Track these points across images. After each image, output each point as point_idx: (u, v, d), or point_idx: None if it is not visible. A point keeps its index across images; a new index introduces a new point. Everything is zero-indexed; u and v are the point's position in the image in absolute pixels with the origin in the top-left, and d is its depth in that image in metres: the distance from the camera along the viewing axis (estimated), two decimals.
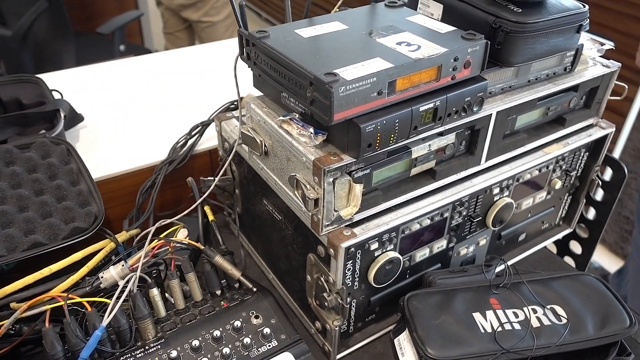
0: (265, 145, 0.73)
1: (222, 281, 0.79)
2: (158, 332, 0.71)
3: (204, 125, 1.05)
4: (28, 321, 0.74)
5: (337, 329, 0.74)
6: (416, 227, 0.75)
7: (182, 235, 0.85)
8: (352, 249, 0.68)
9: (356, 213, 0.67)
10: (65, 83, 1.24)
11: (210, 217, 0.89)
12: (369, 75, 0.59)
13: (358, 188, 0.65)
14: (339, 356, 0.79)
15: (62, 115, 0.99)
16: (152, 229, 0.78)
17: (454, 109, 0.68)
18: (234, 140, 0.85)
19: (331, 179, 0.63)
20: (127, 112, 1.17)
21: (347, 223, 0.69)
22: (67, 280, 0.72)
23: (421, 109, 0.64)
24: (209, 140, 1.06)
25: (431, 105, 0.65)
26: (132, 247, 0.81)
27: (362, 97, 0.60)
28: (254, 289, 0.77)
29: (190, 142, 1.03)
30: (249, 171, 0.84)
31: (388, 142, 0.64)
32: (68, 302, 0.67)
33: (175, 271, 0.76)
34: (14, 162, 0.85)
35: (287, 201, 0.74)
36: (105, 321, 0.66)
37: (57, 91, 1.09)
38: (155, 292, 0.73)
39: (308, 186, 0.65)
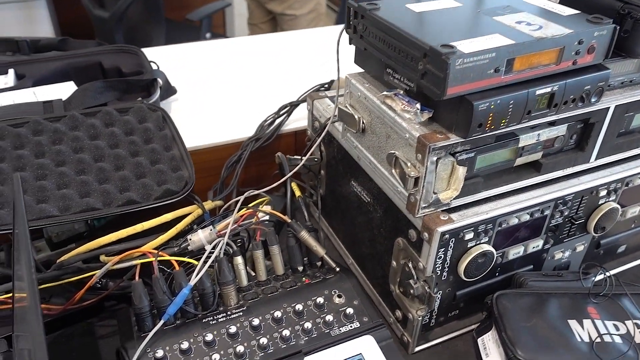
0: (363, 122, 0.71)
1: (304, 258, 0.78)
2: (240, 300, 0.70)
3: (293, 105, 1.04)
4: (114, 277, 0.75)
5: (419, 318, 0.71)
6: (514, 221, 0.70)
7: (266, 209, 0.85)
8: (447, 236, 0.65)
9: (455, 198, 0.64)
10: (160, 58, 1.28)
11: (298, 193, 0.88)
12: (488, 50, 0.56)
13: (461, 171, 0.62)
14: (417, 348, 0.76)
15: (159, 84, 1.01)
16: (242, 197, 0.78)
17: (571, 96, 0.63)
18: (325, 119, 0.84)
19: (435, 158, 0.60)
20: (218, 89, 1.19)
21: (444, 208, 0.66)
22: (157, 239, 0.74)
23: (537, 92, 0.60)
24: (295, 121, 1.05)
25: (548, 89, 0.61)
26: (218, 216, 0.82)
27: (478, 73, 0.56)
28: (337, 269, 0.75)
29: (277, 121, 1.03)
30: (338, 151, 0.83)
31: (499, 125, 0.60)
32: (158, 259, 0.68)
33: (259, 242, 0.75)
34: (113, 123, 0.88)
35: (379, 181, 0.72)
36: (193, 280, 0.66)
37: (155, 63, 1.12)
38: (239, 260, 0.73)
39: (409, 164, 0.62)
